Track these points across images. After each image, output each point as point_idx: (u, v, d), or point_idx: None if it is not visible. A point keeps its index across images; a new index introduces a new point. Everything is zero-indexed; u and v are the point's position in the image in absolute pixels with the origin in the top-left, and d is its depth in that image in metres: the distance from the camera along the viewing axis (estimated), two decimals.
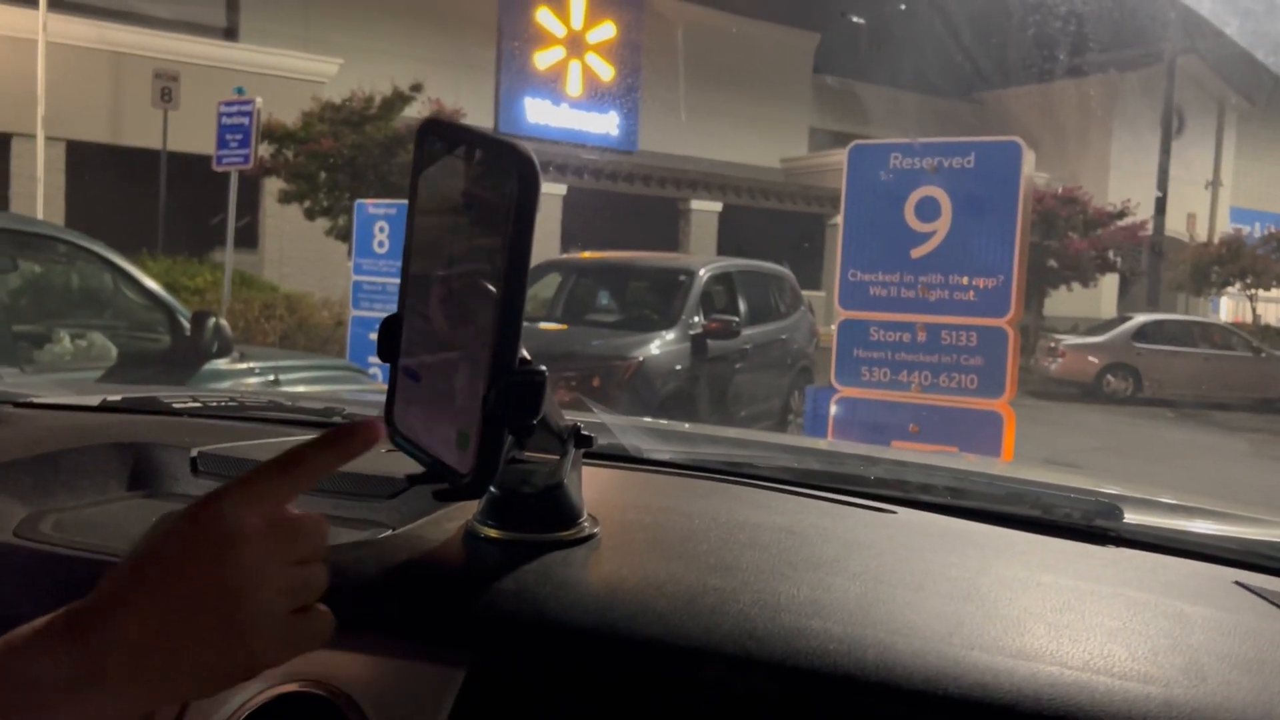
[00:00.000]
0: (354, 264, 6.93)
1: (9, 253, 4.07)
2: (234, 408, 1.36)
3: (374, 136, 11.77)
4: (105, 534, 0.83)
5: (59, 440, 1.02)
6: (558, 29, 19.21)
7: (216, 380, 4.09)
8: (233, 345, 4.25)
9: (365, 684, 0.63)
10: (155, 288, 4.26)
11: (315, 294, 11.90)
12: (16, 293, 4.23)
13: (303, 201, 12.07)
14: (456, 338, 0.66)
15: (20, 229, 4.13)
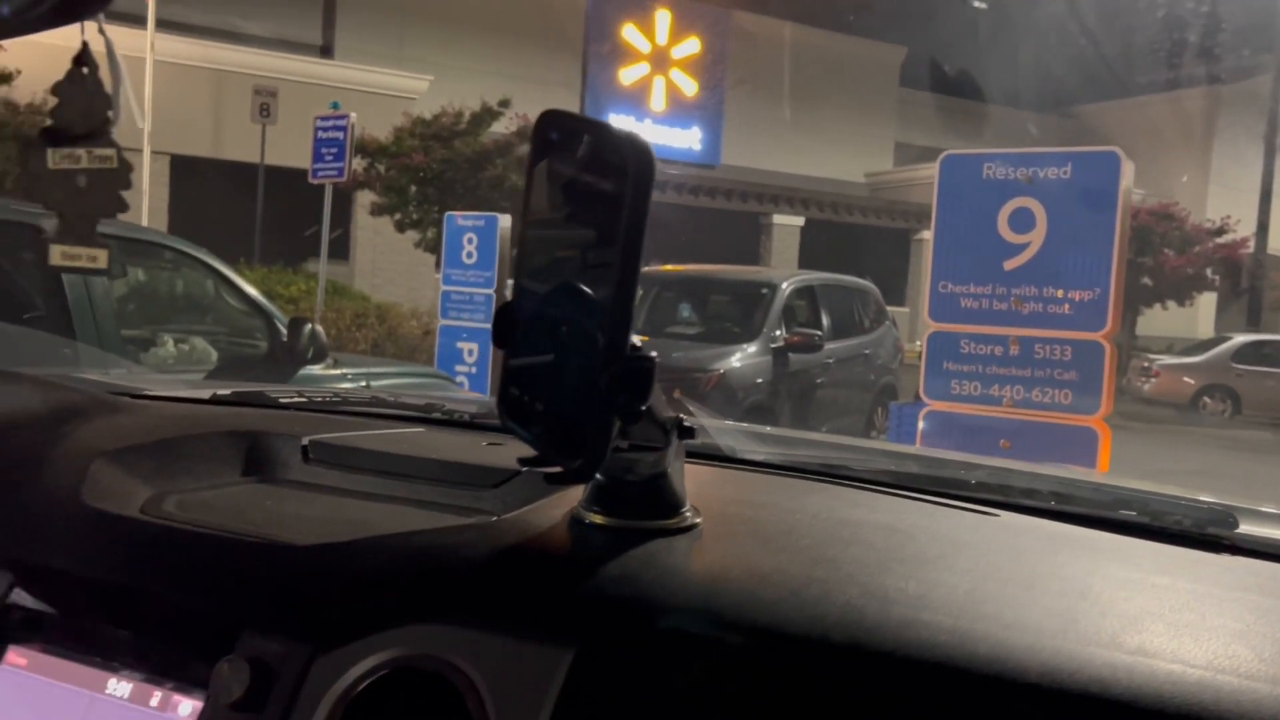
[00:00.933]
0: (443, 275, 7.06)
1: (119, 259, 4.25)
2: (337, 402, 1.40)
3: (463, 151, 12.00)
4: (223, 515, 0.86)
5: (177, 428, 1.06)
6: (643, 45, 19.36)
7: (311, 385, 4.20)
8: (327, 351, 4.37)
9: (479, 660, 0.65)
10: (255, 294, 4.40)
11: (404, 304, 12.16)
12: (125, 298, 4.41)
13: (393, 214, 12.35)
14: (569, 324, 0.68)
15: (129, 236, 4.31)
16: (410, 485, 0.95)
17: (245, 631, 0.68)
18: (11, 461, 0.93)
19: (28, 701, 0.73)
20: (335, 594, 0.70)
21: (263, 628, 0.68)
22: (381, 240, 14.81)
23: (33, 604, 0.76)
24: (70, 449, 0.95)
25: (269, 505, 0.92)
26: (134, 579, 0.76)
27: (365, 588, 0.70)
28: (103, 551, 0.78)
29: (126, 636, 0.73)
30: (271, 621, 0.69)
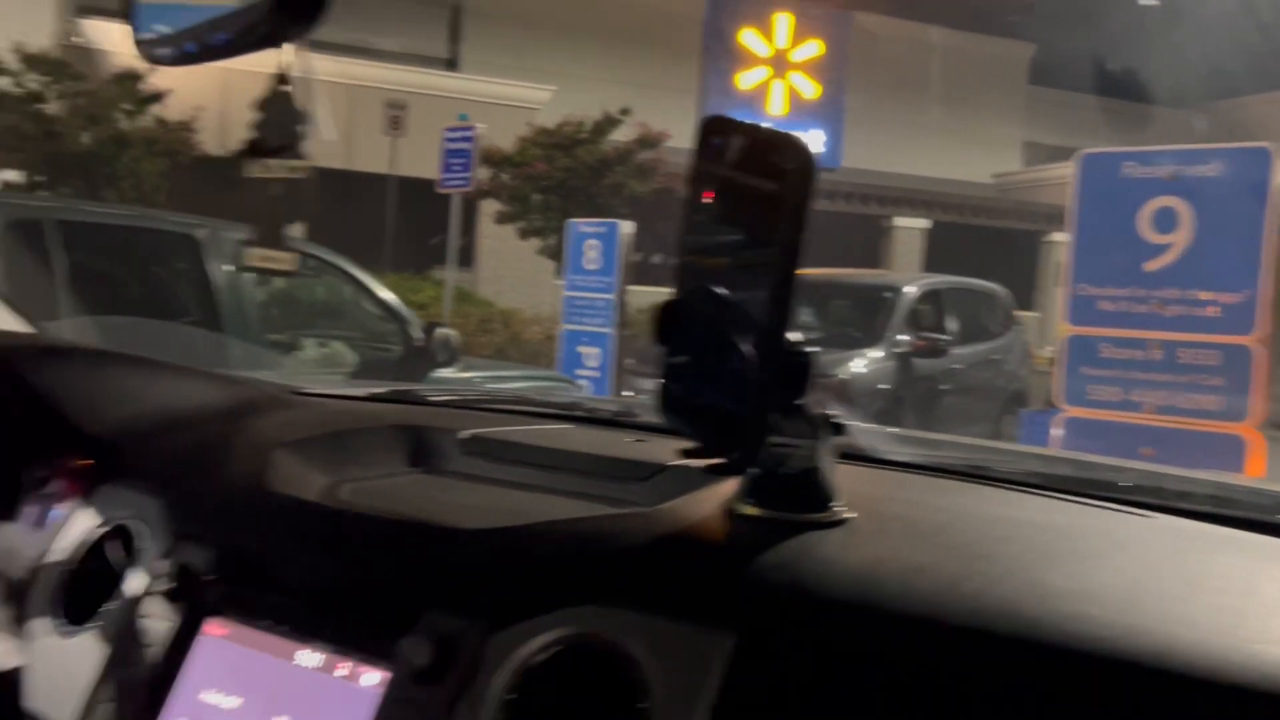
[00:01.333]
0: (566, 280, 7.19)
1: None
2: (484, 400, 1.46)
3: (584, 159, 12.19)
4: (396, 502, 0.92)
5: (345, 423, 1.13)
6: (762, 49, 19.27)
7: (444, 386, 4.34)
8: (459, 355, 4.51)
9: (645, 643, 0.68)
10: (392, 300, 4.58)
11: (526, 309, 12.41)
12: (268, 303, 4.64)
13: (517, 222, 12.62)
14: (729, 321, 0.70)
15: None
16: (563, 478, 0.99)
17: (426, 608, 0.73)
18: (203, 450, 1.01)
19: (227, 667, 0.79)
20: (509, 575, 0.74)
21: (442, 605, 0.73)
22: (504, 247, 15.14)
23: (228, 580, 0.83)
24: (253, 440, 1.02)
25: (435, 494, 0.97)
26: (321, 559, 0.81)
27: (536, 570, 0.74)
28: (290, 533, 0.85)
29: (315, 611, 0.78)
30: (450, 599, 0.73)
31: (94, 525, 0.95)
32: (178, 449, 1.01)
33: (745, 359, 0.68)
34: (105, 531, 0.94)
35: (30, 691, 0.88)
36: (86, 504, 0.98)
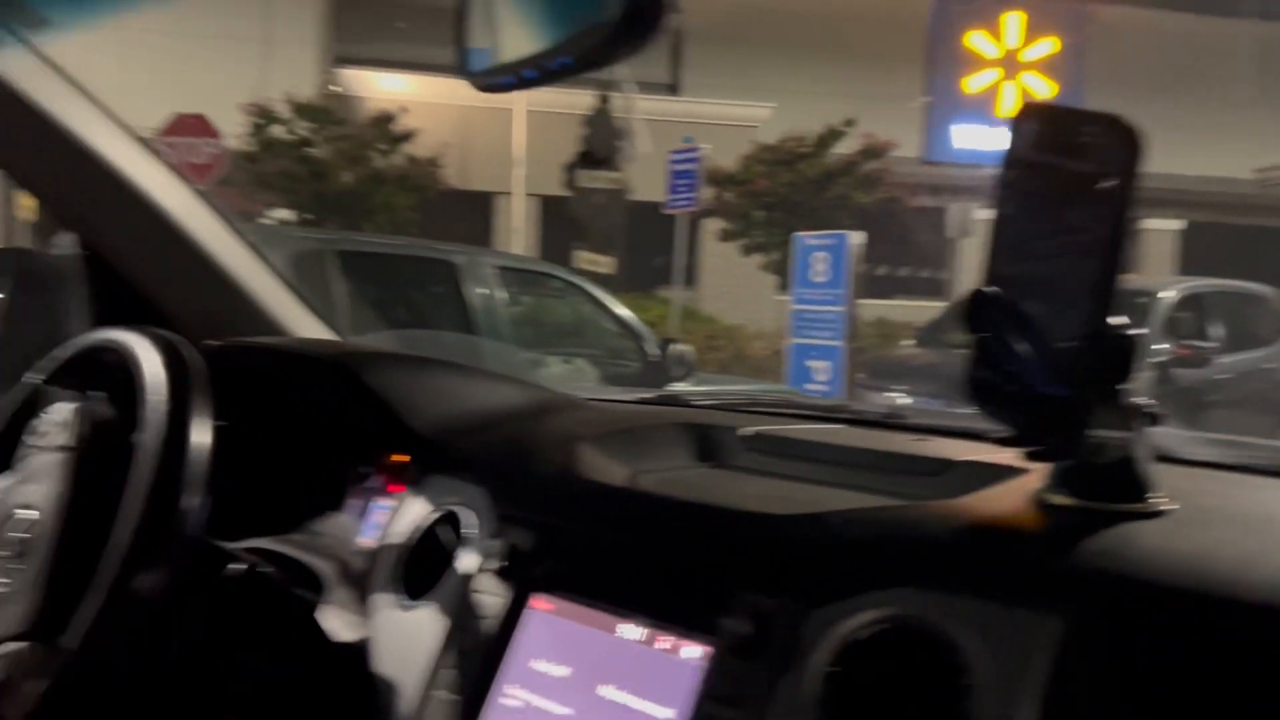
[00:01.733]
0: (793, 294, 7.19)
1: (514, 289, 4.75)
2: (746, 403, 1.50)
3: (807, 174, 12.15)
4: (695, 490, 0.97)
5: (632, 421, 1.20)
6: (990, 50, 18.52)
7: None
8: (694, 370, 4.61)
9: (967, 627, 0.69)
10: (630, 317, 4.74)
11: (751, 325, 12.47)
12: (519, 322, 4.91)
13: (739, 239, 12.72)
14: (1045, 308, 0.70)
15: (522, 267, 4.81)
16: (849, 473, 1.01)
17: (742, 586, 0.77)
18: (516, 444, 1.10)
19: (554, 639, 0.86)
20: (822, 557, 0.77)
21: (758, 583, 0.77)
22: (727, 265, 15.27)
23: (551, 558, 0.90)
24: (558, 435, 1.11)
25: (729, 485, 1.02)
26: (636, 539, 0.87)
27: (850, 553, 0.77)
28: (604, 516, 0.92)
29: (634, 587, 0.84)
30: (766, 578, 0.77)
31: (425, 511, 1.06)
32: (494, 443, 1.10)
33: (1065, 344, 0.68)
34: (437, 516, 1.04)
35: (378, 659, 0.99)
36: (417, 493, 1.09)
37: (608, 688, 0.81)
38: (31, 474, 1.02)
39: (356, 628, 1.04)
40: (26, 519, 0.98)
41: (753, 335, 11.95)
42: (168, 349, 0.97)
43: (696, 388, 4.63)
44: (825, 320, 6.89)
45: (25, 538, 0.96)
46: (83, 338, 1.10)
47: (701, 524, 0.86)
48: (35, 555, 0.95)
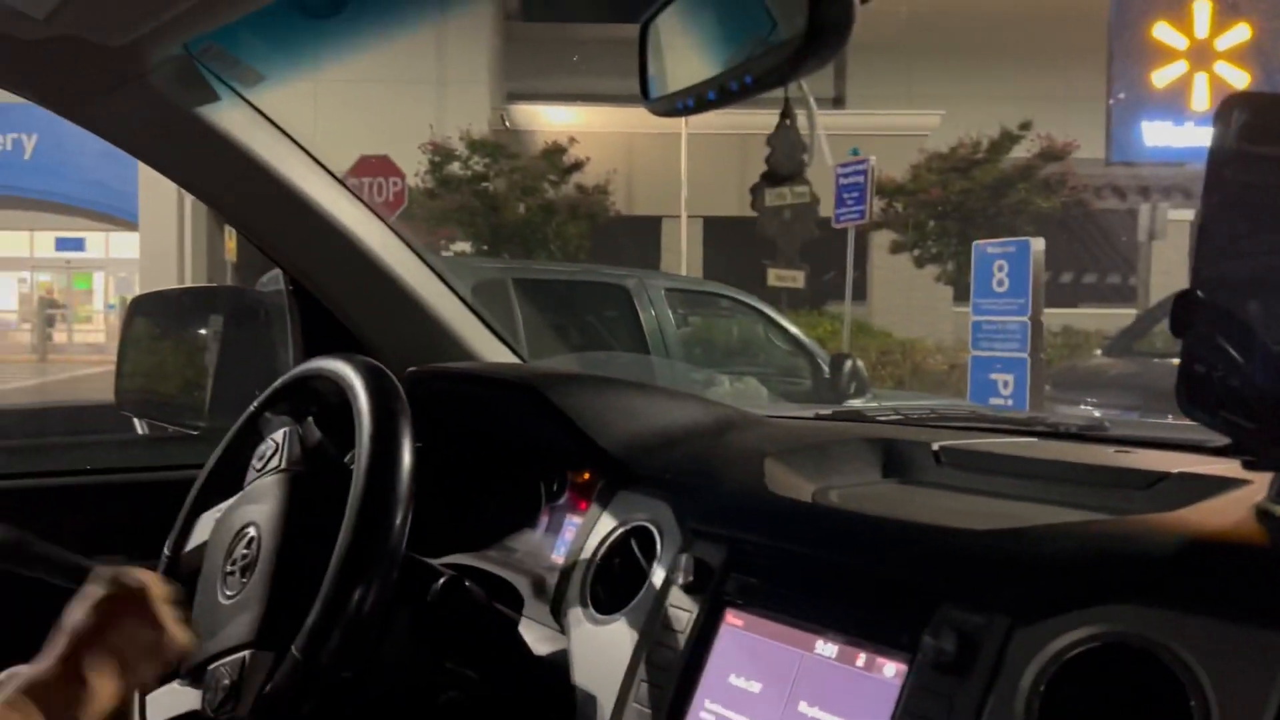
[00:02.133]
0: (972, 304, 6.94)
1: (683, 310, 4.79)
2: (930, 417, 1.46)
3: (982, 180, 11.76)
4: (886, 506, 0.95)
5: (816, 437, 1.19)
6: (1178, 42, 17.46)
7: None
8: (868, 386, 4.52)
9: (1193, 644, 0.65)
10: (800, 335, 4.70)
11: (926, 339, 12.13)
12: (690, 342, 4.94)
13: (912, 250, 12.42)
14: (1261, 308, 0.66)
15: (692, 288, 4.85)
16: (1050, 487, 0.97)
17: (943, 603, 0.75)
18: (702, 461, 1.11)
19: (748, 654, 0.86)
20: (1028, 573, 0.74)
21: (960, 600, 0.75)
22: (897, 278, 14.93)
23: (743, 573, 0.91)
24: (743, 451, 1.11)
25: (920, 500, 1.00)
26: (829, 555, 0.87)
27: (1059, 569, 0.74)
28: (795, 532, 0.91)
29: (828, 603, 0.83)
30: (968, 594, 0.75)
31: (614, 528, 1.08)
32: (679, 459, 1.12)
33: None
34: (626, 532, 1.06)
35: (575, 672, 1.01)
36: (605, 510, 1.12)
37: (806, 704, 0.80)
38: (253, 494, 1.10)
39: (553, 641, 1.07)
40: (250, 536, 1.05)
41: (930, 349, 11.61)
42: (376, 375, 1.03)
43: (874, 404, 4.54)
44: (1008, 331, 6.62)
45: (249, 553, 1.04)
46: (297, 368, 1.18)
47: (897, 539, 0.84)
48: (258, 569, 1.02)
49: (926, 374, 10.95)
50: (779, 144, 1.87)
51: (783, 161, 1.87)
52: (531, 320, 3.78)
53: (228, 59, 1.28)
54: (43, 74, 1.22)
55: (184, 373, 1.77)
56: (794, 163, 1.87)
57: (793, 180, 1.94)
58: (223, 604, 1.04)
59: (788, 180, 1.94)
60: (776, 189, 1.99)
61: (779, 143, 1.87)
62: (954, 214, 11.92)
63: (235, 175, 1.35)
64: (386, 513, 0.93)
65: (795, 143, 1.82)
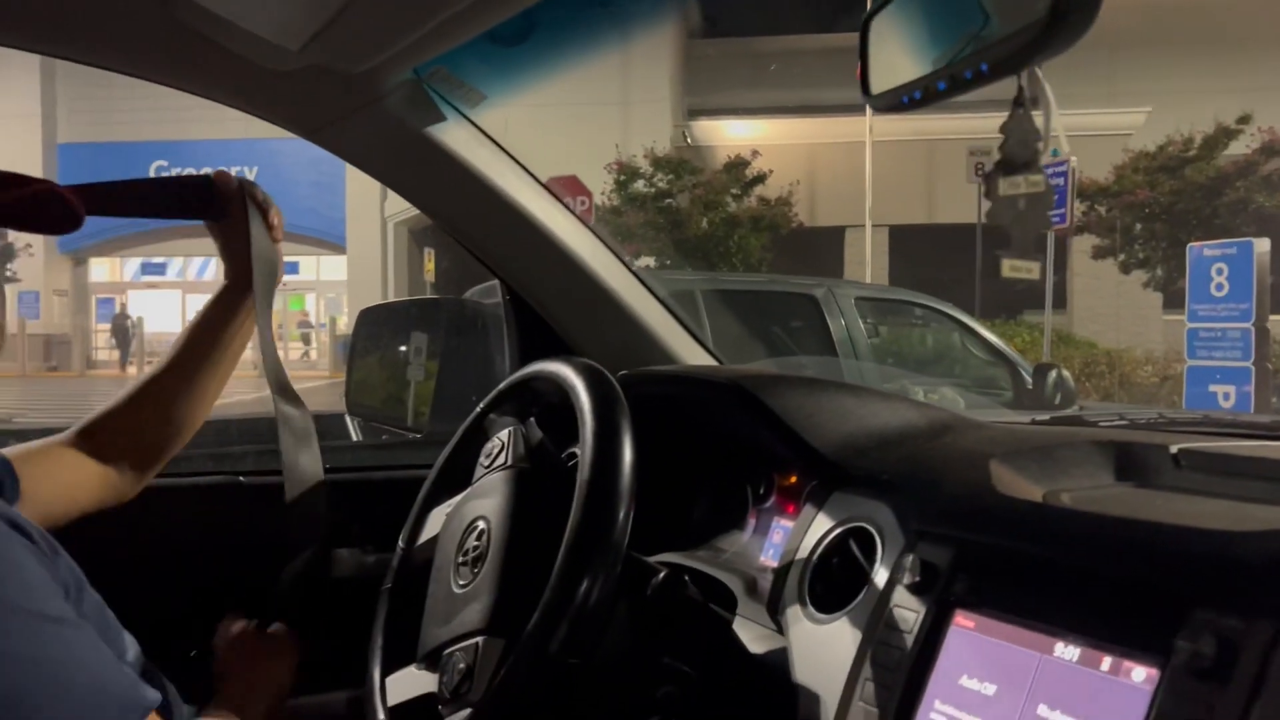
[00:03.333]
0: (1189, 311, 6.50)
1: (873, 319, 4.70)
2: (1160, 421, 1.38)
3: (1195, 179, 11.01)
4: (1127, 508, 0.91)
5: (1041, 440, 1.15)
6: None
7: None
8: (1075, 397, 4.30)
9: None
10: (999, 344, 4.52)
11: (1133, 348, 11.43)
12: (881, 352, 4.84)
13: (1117, 255, 11.75)
14: None
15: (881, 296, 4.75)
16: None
17: (1198, 607, 0.71)
18: (921, 461, 1.09)
19: (980, 656, 0.84)
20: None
21: (1218, 604, 0.71)
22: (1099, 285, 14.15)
23: (972, 575, 0.89)
24: (963, 453, 1.09)
25: (1164, 504, 0.95)
26: (1065, 557, 0.84)
27: None
28: (1029, 533, 0.88)
29: (1067, 606, 0.80)
30: (1227, 599, 0.71)
31: (830, 529, 1.08)
32: (898, 461, 1.10)
33: None
34: (844, 532, 1.05)
35: (795, 670, 1.01)
36: (819, 511, 1.11)
37: (1046, 708, 0.78)
38: (482, 490, 1.16)
39: (769, 640, 1.08)
40: (480, 529, 1.11)
41: (1138, 360, 10.93)
42: (596, 376, 1.07)
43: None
44: (1228, 339, 6.16)
45: (479, 545, 1.09)
46: (521, 371, 1.24)
47: (1143, 541, 0.80)
48: (489, 560, 1.07)
49: (1136, 386, 10.30)
50: (1014, 132, 1.83)
51: (1018, 150, 1.82)
52: (720, 331, 3.80)
53: (453, 81, 1.36)
54: (290, 102, 1.33)
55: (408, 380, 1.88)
56: (1029, 151, 1.82)
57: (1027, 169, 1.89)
58: (456, 593, 1.09)
59: (1023, 169, 1.89)
60: (1011, 178, 1.95)
61: (1014, 131, 1.83)
62: (1163, 216, 11.20)
63: (460, 191, 1.43)
64: (611, 507, 0.96)
65: (1030, 131, 1.77)
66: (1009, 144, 1.67)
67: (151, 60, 1.27)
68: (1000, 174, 1.72)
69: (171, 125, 20.37)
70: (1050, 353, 10.00)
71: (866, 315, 4.56)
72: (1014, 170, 1.67)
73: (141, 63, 1.28)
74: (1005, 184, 1.76)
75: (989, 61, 0.71)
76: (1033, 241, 2.18)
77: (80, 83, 20.52)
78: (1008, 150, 1.67)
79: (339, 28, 1.11)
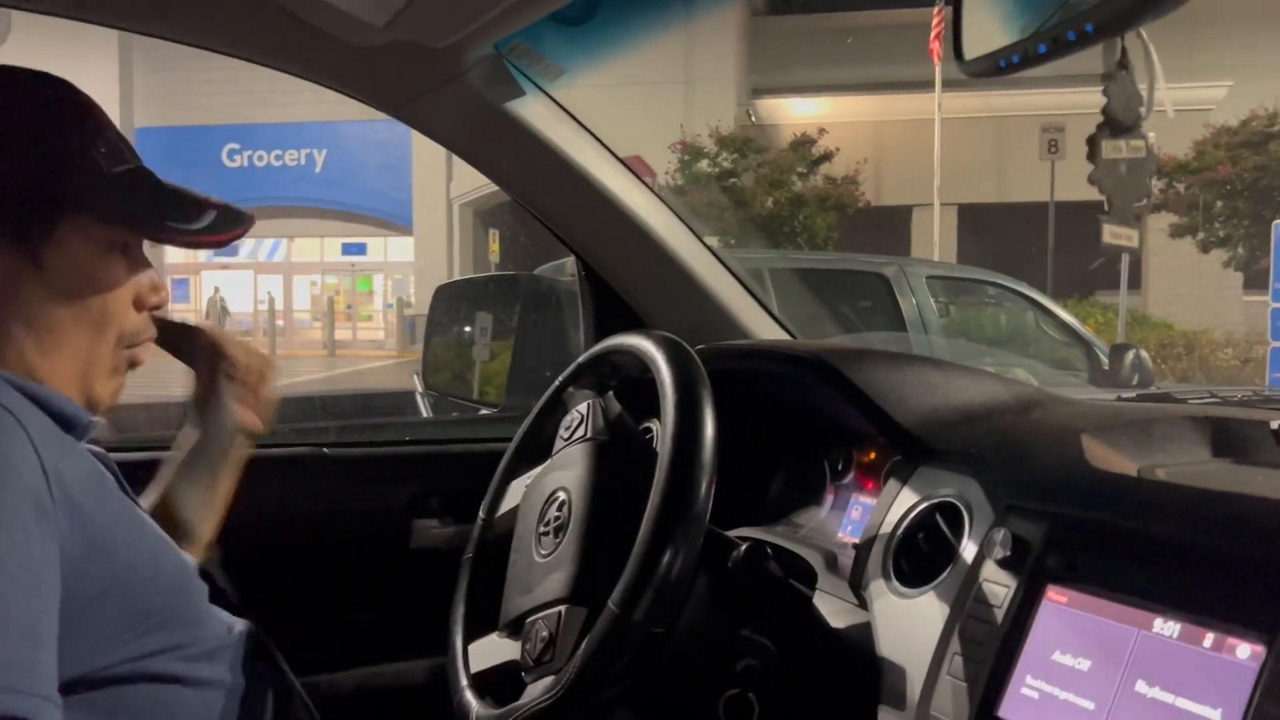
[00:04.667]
0: (1273, 291, 6.29)
1: (945, 298, 4.63)
2: (1255, 398, 1.35)
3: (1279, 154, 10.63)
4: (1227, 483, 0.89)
5: (1134, 415, 1.12)
6: None
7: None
8: (1153, 378, 4.19)
9: None
10: (1075, 323, 4.43)
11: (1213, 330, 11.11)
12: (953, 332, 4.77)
13: (1195, 234, 11.42)
14: None
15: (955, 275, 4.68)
16: None
17: None
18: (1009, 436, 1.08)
19: (1074, 632, 0.83)
20: None
21: None
22: (1176, 264, 13.75)
23: (1065, 549, 0.87)
24: (1054, 427, 1.07)
25: (1263, 479, 0.92)
26: (1164, 531, 0.82)
27: None
28: (1125, 507, 0.87)
29: (1165, 581, 0.79)
30: None
31: (916, 502, 1.07)
32: (985, 435, 1.09)
33: None
34: (930, 507, 1.04)
35: (880, 644, 1.01)
36: (904, 485, 1.10)
37: (1145, 684, 0.76)
38: (562, 462, 1.17)
39: (851, 614, 1.07)
40: (561, 499, 1.12)
41: (1218, 342, 10.61)
42: (677, 349, 1.07)
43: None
44: None
45: (560, 515, 1.10)
46: (600, 344, 1.24)
47: (1245, 515, 0.78)
48: (570, 530, 1.08)
49: (1215, 369, 10.01)
50: (1117, 94, 1.78)
51: (1121, 112, 1.77)
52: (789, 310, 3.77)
53: (533, 56, 1.36)
54: (374, 77, 1.35)
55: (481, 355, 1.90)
56: (1132, 114, 1.76)
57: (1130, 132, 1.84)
58: (538, 562, 1.10)
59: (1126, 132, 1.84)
60: (1113, 141, 1.90)
61: (1117, 92, 1.77)
62: (1246, 193, 10.84)
63: (538, 166, 1.43)
64: (693, 478, 0.96)
65: (1133, 93, 1.72)
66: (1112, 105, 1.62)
67: (239, 37, 1.30)
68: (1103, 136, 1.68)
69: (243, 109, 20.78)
70: (1125, 334, 9.77)
71: (938, 294, 4.49)
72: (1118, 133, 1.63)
73: (229, 39, 1.31)
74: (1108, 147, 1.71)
75: (1094, 22, 0.68)
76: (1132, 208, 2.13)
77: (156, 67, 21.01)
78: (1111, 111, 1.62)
79: (422, 3, 1.12)
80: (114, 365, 0.96)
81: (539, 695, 1.00)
